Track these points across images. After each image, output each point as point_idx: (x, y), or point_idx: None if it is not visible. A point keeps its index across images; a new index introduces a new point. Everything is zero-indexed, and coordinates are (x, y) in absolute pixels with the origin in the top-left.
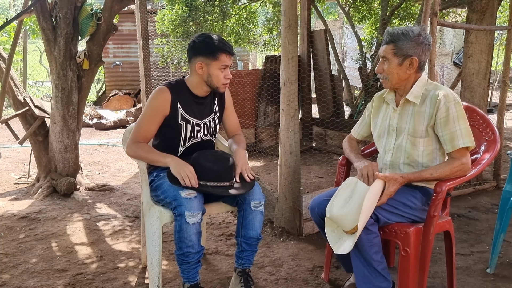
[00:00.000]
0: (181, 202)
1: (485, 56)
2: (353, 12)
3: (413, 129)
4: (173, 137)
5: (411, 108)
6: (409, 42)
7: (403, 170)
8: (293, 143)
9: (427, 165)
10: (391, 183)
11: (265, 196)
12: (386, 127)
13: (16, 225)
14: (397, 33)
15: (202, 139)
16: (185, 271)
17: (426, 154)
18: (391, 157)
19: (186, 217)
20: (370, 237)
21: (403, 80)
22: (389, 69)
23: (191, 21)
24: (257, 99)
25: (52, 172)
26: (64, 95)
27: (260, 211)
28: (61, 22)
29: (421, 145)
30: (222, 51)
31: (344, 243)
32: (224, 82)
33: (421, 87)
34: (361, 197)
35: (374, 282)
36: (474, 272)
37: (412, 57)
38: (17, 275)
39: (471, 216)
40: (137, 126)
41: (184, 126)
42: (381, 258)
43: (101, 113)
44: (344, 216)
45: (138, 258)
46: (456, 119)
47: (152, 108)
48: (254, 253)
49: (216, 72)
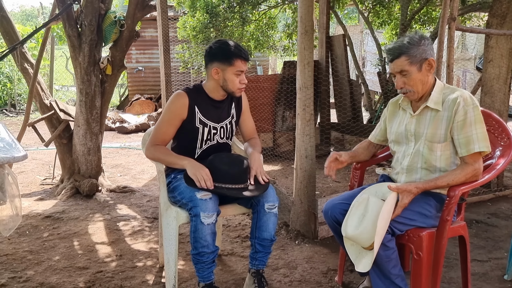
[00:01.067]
0: (197, 203)
1: (505, 61)
2: (373, 17)
3: (431, 134)
4: (190, 140)
5: (429, 113)
6: (418, 47)
7: (420, 173)
8: (309, 147)
9: (445, 169)
10: (405, 194)
11: (281, 200)
12: (403, 132)
13: (41, 224)
14: (403, 45)
15: (219, 142)
16: (200, 270)
17: (444, 159)
18: (408, 162)
19: (202, 218)
20: (388, 253)
21: (427, 85)
22: (410, 80)
23: (212, 27)
24: (275, 104)
25: (76, 174)
26: (88, 99)
27: (274, 213)
28: (86, 29)
29: (438, 150)
30: (238, 57)
31: (363, 259)
32: (239, 87)
33: (440, 93)
34: (375, 213)
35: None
36: (490, 279)
37: (428, 58)
38: (41, 271)
39: (490, 223)
40: (156, 129)
41: (201, 129)
42: (399, 271)
43: (124, 117)
44: (359, 235)
45: (156, 258)
46: (474, 123)
47: (171, 112)
48: (268, 255)
49: (232, 77)
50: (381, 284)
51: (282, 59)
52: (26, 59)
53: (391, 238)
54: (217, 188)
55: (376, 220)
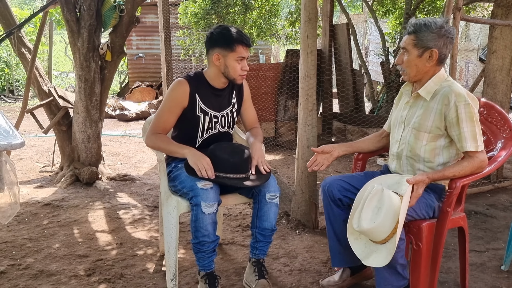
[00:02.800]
0: (198, 192)
1: (509, 52)
2: (377, 6)
3: (419, 123)
4: (191, 129)
5: (421, 102)
6: (431, 33)
7: (405, 163)
8: (311, 137)
9: (429, 160)
10: (419, 185)
11: (282, 189)
12: (398, 118)
13: (40, 211)
14: (420, 24)
15: (220, 131)
16: (201, 259)
17: (429, 150)
18: (397, 149)
19: (202, 207)
20: (398, 243)
21: (422, 73)
22: (408, 60)
23: (214, 13)
24: (277, 93)
25: (75, 162)
26: (87, 86)
27: (275, 203)
28: (84, 14)
29: (424, 139)
30: (239, 42)
31: (373, 253)
32: (241, 73)
33: (437, 83)
34: (392, 206)
35: (392, 282)
36: (488, 269)
37: (432, 49)
38: (40, 259)
39: (488, 214)
40: (156, 117)
41: (202, 118)
42: (404, 260)
43: (124, 104)
44: (376, 229)
45: (156, 246)
46: (464, 120)
47: (171, 100)
48: (268, 244)
49: (233, 64)
50: (385, 272)
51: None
52: (23, 44)
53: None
54: (218, 177)
55: (393, 213)
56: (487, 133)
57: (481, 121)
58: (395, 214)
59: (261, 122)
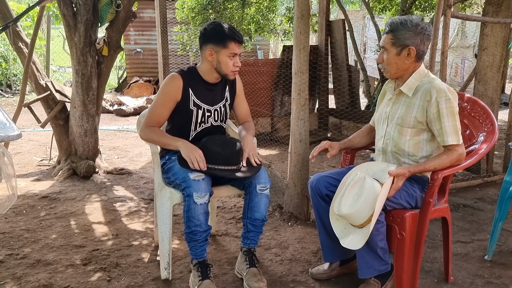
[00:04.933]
0: (190, 183)
1: (499, 49)
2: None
3: (402, 119)
4: (184, 122)
5: (404, 98)
6: (407, 32)
7: (391, 158)
8: (303, 131)
9: (413, 154)
10: (399, 178)
11: (275, 183)
12: (382, 114)
13: (38, 204)
14: (396, 23)
15: (212, 125)
16: (193, 248)
17: (412, 144)
18: (382, 144)
19: (194, 198)
20: (377, 226)
21: (402, 70)
22: (388, 59)
23: (211, 9)
24: (274, 89)
25: (72, 155)
26: (84, 80)
27: (266, 194)
28: (81, 8)
29: (408, 134)
30: (231, 39)
31: (350, 235)
32: (233, 69)
33: (417, 79)
34: (371, 195)
35: (374, 266)
36: (472, 259)
37: (410, 46)
38: (38, 249)
39: (476, 207)
40: (150, 111)
41: (195, 111)
42: (384, 244)
43: (122, 99)
44: (354, 214)
45: (151, 237)
46: (445, 115)
47: (165, 94)
48: (259, 234)
49: (225, 60)
50: (367, 256)
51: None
52: (20, 38)
53: (381, 213)
54: (210, 169)
55: (372, 201)
56: (470, 127)
57: (465, 116)
58: (374, 202)
59: (258, 117)
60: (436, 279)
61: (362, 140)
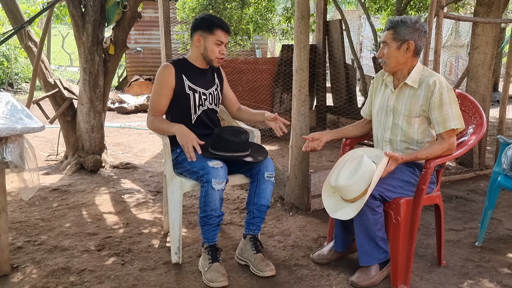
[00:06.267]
0: (209, 170)
1: (490, 48)
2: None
3: (409, 110)
4: (184, 108)
5: (407, 91)
6: (407, 28)
7: (400, 146)
8: (303, 126)
9: (421, 141)
10: (393, 162)
11: (277, 175)
12: (384, 107)
13: (49, 195)
14: (397, 20)
15: (209, 108)
16: (206, 232)
17: (421, 132)
18: (390, 135)
19: (213, 184)
20: (376, 217)
21: (401, 63)
22: (388, 53)
23: (211, 9)
24: (273, 86)
25: (80, 150)
26: (91, 78)
27: (272, 182)
28: (89, 9)
29: (416, 123)
30: (218, 27)
31: (343, 209)
32: (218, 56)
33: (418, 73)
34: (368, 171)
35: (374, 254)
36: (463, 245)
37: (409, 41)
38: (54, 236)
39: (468, 198)
40: (151, 102)
41: (192, 95)
42: (383, 234)
43: (123, 97)
44: (350, 187)
45: (160, 226)
46: (449, 103)
47: (159, 82)
48: (263, 220)
49: (212, 46)
50: (366, 246)
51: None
52: (30, 38)
53: (380, 204)
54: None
55: (367, 177)
56: None
57: None
58: (369, 178)
59: None
60: (430, 263)
61: (355, 131)
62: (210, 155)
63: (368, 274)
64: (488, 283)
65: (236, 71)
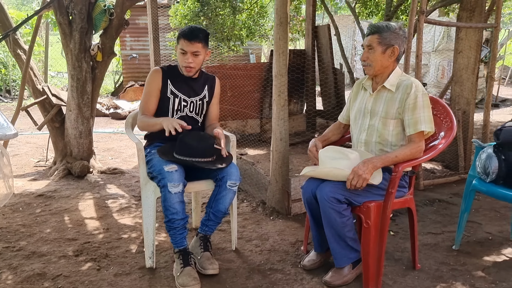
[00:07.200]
0: (164, 175)
1: (473, 52)
2: (361, 7)
3: (385, 112)
4: (163, 111)
5: (385, 94)
6: (392, 33)
7: (375, 147)
8: (283, 130)
9: (395, 143)
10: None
11: (259, 180)
12: (362, 109)
13: (33, 201)
14: (382, 26)
15: (188, 115)
16: (173, 236)
17: (395, 134)
18: (365, 136)
19: (169, 188)
20: (343, 219)
21: (384, 67)
22: (373, 56)
23: (202, 15)
24: (262, 91)
25: (68, 156)
26: (79, 85)
27: (233, 191)
28: (76, 17)
29: (391, 125)
30: (181, 36)
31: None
32: (183, 64)
33: (397, 77)
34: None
35: (346, 255)
36: (440, 248)
37: (394, 46)
38: (33, 242)
39: (451, 201)
40: (140, 102)
41: (172, 99)
42: (353, 234)
43: (118, 103)
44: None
45: (140, 231)
46: (422, 106)
47: (148, 84)
48: (217, 224)
49: (179, 55)
50: (337, 246)
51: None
52: (19, 45)
53: (346, 208)
54: (187, 161)
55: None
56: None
57: None
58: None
59: (247, 119)
60: (405, 267)
61: (334, 135)
62: (167, 158)
63: (341, 273)
64: (461, 286)
65: (225, 77)
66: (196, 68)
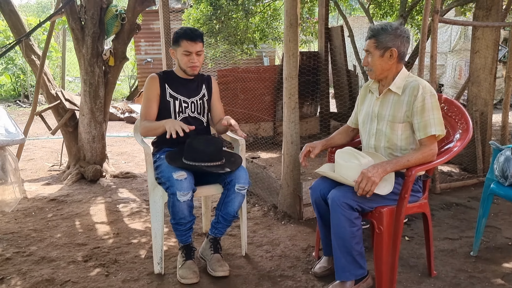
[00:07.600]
0: (173, 183)
1: (491, 51)
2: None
3: (393, 116)
4: (165, 114)
5: (392, 97)
6: (388, 35)
7: (384, 152)
8: (294, 133)
9: (405, 148)
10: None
11: (270, 183)
12: (370, 113)
13: (46, 206)
14: (377, 29)
15: (190, 115)
16: (179, 235)
17: (404, 138)
18: (374, 141)
19: (178, 196)
20: (353, 229)
21: (385, 70)
22: (372, 61)
23: (215, 19)
24: (275, 94)
25: (81, 160)
26: (91, 89)
27: (242, 194)
28: (88, 22)
29: (399, 129)
30: (183, 38)
31: None
32: (188, 65)
33: (403, 79)
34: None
35: (351, 270)
36: (458, 254)
37: (392, 48)
38: (43, 247)
39: (469, 205)
40: (141, 109)
41: (172, 102)
42: (360, 248)
43: (132, 107)
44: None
45: (150, 236)
46: (431, 109)
47: (147, 90)
48: (227, 227)
49: (181, 57)
50: (343, 260)
51: None
52: (32, 50)
53: (358, 216)
54: (195, 166)
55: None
56: (447, 126)
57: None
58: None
59: (260, 122)
60: (420, 274)
61: (342, 138)
62: (176, 164)
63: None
64: None
65: (237, 80)
66: (200, 66)
